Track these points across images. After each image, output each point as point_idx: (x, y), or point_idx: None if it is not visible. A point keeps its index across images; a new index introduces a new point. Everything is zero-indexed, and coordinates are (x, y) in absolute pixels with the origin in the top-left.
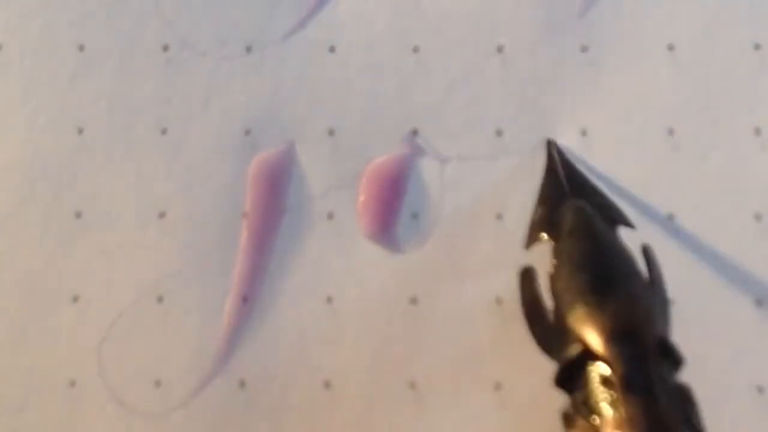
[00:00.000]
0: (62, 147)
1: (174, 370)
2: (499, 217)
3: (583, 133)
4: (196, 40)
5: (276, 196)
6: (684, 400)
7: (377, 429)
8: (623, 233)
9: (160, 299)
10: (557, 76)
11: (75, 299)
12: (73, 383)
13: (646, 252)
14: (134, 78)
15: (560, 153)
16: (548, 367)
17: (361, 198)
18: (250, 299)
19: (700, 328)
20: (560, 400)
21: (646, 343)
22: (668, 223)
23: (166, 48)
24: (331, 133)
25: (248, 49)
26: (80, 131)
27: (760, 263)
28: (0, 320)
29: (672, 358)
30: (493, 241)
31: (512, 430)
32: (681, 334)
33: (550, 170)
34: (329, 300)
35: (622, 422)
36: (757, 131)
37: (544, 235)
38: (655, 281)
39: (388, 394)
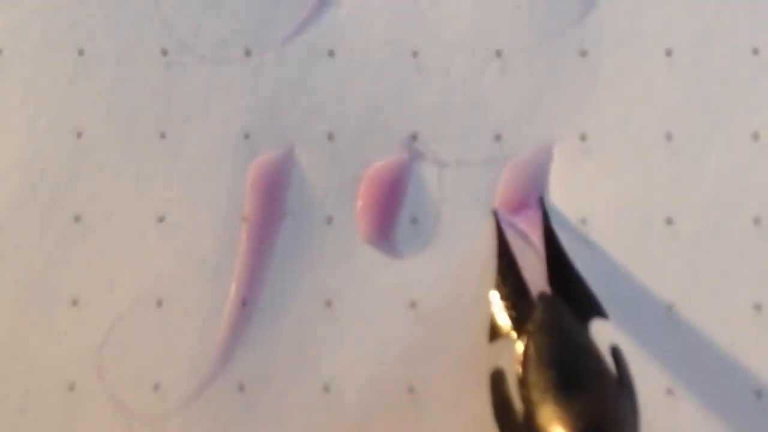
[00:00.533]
0: (61, 150)
1: (173, 373)
2: None
3: (582, 137)
4: (195, 44)
5: (275, 200)
6: None
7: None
8: (628, 236)
9: (159, 303)
10: (556, 80)
11: (74, 302)
12: (72, 386)
13: (615, 352)
14: (133, 82)
15: (546, 218)
16: None
17: (360, 202)
18: (250, 303)
19: (698, 332)
20: None
21: None
22: (667, 228)
23: (165, 52)
24: (330, 137)
25: (247, 53)
26: (79, 135)
27: (758, 267)
28: (0, 323)
29: None
30: (492, 246)
31: None
32: (679, 338)
33: (504, 253)
34: (328, 304)
35: None
36: (756, 136)
37: (510, 331)
38: (624, 381)
39: (387, 398)
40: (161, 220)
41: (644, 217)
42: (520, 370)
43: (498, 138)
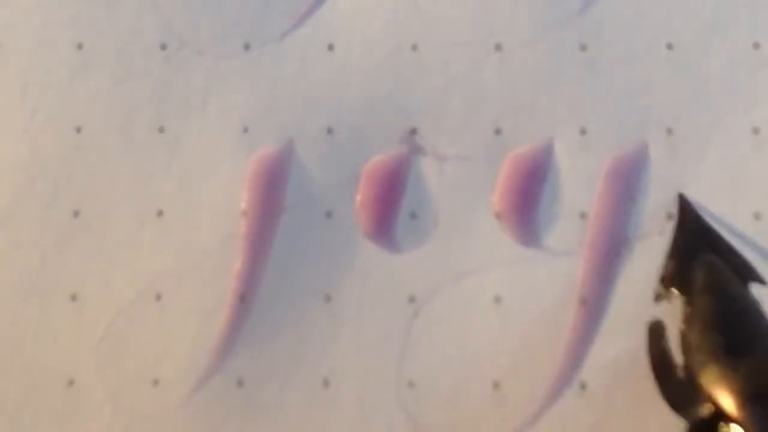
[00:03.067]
0: (60, 146)
1: (172, 368)
2: (497, 216)
3: (582, 131)
4: (194, 39)
5: (274, 194)
6: None
7: (374, 428)
8: None
9: (158, 298)
10: (556, 74)
11: (73, 298)
12: (71, 382)
13: None
14: (132, 76)
15: (689, 206)
16: (546, 366)
17: (359, 197)
18: (248, 298)
19: None
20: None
21: None
22: (667, 223)
23: (164, 46)
24: (329, 131)
25: (246, 47)
26: (78, 130)
27: (758, 262)
28: None
29: None
30: (492, 240)
31: (511, 429)
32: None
33: (682, 224)
34: (328, 299)
35: None
36: (756, 130)
37: (675, 291)
38: None
39: (386, 393)
40: (160, 214)
41: (644, 210)
42: (683, 329)
43: (498, 132)
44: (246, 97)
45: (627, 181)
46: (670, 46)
